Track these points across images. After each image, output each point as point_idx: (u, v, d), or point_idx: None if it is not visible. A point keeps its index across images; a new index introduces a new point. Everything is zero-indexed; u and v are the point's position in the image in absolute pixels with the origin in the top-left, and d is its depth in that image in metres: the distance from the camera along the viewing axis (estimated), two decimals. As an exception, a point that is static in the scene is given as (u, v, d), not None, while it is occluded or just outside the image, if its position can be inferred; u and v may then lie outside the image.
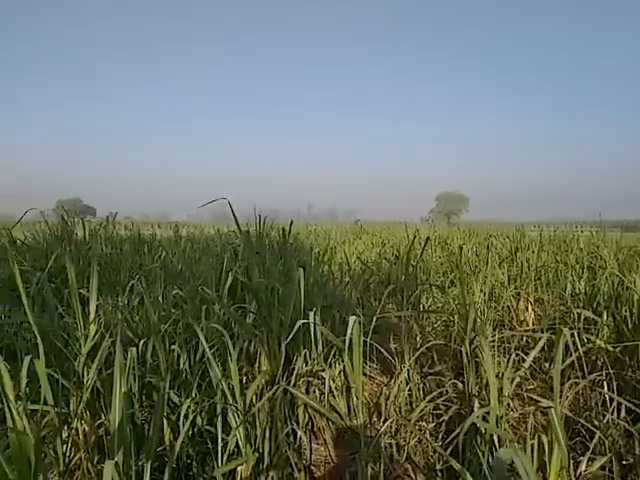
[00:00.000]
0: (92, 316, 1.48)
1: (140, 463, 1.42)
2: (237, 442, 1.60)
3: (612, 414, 1.96)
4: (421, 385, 2.38)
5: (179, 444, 1.32)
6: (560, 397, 1.46)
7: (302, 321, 1.80)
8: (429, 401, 2.02)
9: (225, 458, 1.58)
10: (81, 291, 1.86)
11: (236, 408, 1.59)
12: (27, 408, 1.04)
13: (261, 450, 1.65)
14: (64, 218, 4.93)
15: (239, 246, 3.23)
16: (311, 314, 1.99)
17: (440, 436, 2.03)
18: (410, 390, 2.28)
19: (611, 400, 2.05)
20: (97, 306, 1.56)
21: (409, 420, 1.95)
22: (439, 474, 1.88)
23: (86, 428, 1.59)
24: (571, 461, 1.84)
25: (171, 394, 1.64)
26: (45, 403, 1.39)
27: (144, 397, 1.86)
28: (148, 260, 4.06)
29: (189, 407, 1.52)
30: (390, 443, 1.96)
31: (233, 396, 1.62)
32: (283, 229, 2.68)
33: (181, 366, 1.88)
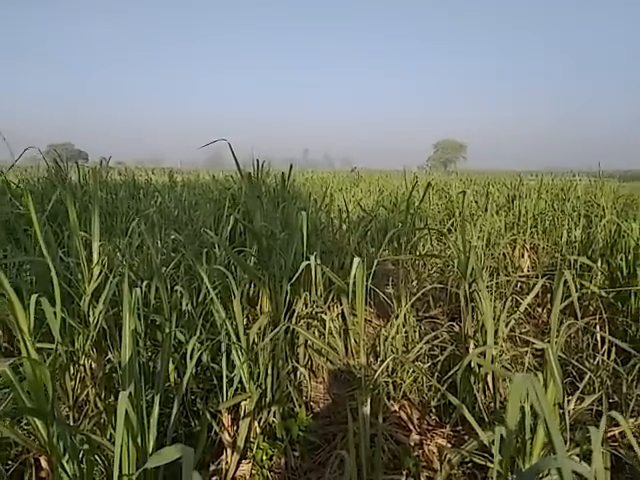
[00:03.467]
0: (95, 256, 1.48)
1: (148, 397, 1.47)
2: (240, 379, 1.66)
3: (602, 356, 2.04)
4: (417, 328, 2.44)
5: (187, 378, 1.36)
6: (556, 336, 1.51)
7: (307, 262, 1.81)
8: (425, 342, 2.08)
9: (229, 394, 1.63)
10: (81, 233, 1.85)
11: (240, 346, 1.63)
12: (35, 345, 1.06)
13: (264, 387, 1.71)
14: (57, 162, 4.84)
15: (240, 189, 3.20)
16: (312, 257, 2.00)
17: (435, 376, 2.10)
18: (406, 332, 2.34)
19: (602, 343, 2.12)
20: (99, 247, 1.56)
21: (406, 359, 2.01)
22: (433, 410, 1.96)
23: (93, 365, 1.62)
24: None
25: (177, 332, 1.67)
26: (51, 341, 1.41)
27: (147, 336, 1.90)
28: (144, 205, 4.03)
29: (194, 345, 1.55)
30: (387, 382, 2.03)
31: (237, 335, 1.65)
32: (283, 173, 2.64)
33: (183, 307, 1.90)
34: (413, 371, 2.09)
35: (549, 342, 2.30)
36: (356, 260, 1.47)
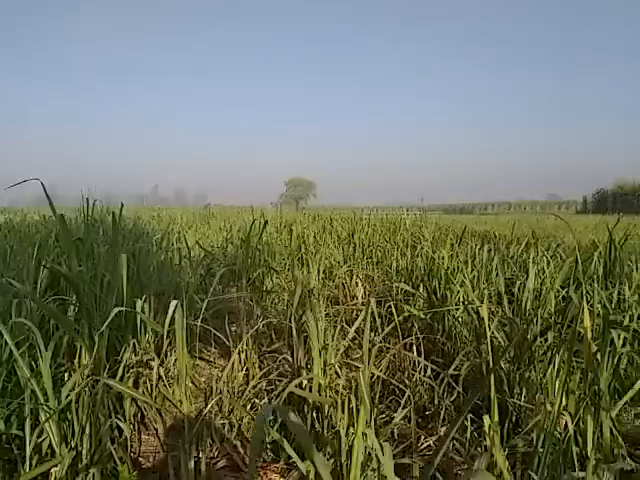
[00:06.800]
0: None
1: None
2: (50, 443, 1.49)
3: (419, 373, 2.25)
4: (258, 363, 2.46)
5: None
6: (370, 360, 1.63)
7: (118, 308, 1.70)
8: (262, 377, 2.10)
9: (35, 461, 1.45)
10: None
11: (48, 407, 1.47)
12: None
13: (80, 448, 1.56)
14: None
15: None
16: (139, 302, 1.91)
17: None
18: (247, 369, 2.34)
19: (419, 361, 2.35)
20: None
21: (240, 397, 2.00)
22: (268, 446, 1.97)
23: None
24: (385, 417, 2.09)
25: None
26: None
27: None
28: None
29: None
30: (223, 423, 2.00)
31: (45, 395, 1.49)
32: (113, 213, 2.51)
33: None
34: (251, 408, 2.09)
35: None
36: (172, 303, 1.44)
